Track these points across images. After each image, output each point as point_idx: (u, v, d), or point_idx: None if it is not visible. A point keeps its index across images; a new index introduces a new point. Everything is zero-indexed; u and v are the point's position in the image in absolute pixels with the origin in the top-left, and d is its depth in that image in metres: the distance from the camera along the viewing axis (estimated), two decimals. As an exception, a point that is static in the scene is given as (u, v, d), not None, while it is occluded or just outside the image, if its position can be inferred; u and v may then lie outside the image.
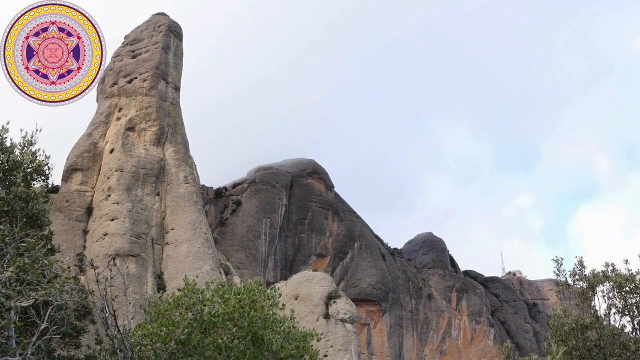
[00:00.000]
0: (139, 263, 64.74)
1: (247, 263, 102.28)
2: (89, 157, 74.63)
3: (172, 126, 78.51)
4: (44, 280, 12.83)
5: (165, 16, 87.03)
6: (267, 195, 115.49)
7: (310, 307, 70.36)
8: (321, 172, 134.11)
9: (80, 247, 66.53)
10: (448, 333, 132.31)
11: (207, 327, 18.93)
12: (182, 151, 77.56)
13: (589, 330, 21.03)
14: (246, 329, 19.67)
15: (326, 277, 77.91)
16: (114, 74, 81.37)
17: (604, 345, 20.78)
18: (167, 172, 74.56)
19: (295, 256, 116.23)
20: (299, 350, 21.20)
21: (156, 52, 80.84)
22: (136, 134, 76.05)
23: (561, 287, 22.50)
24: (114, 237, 65.11)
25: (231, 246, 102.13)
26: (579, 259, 22.63)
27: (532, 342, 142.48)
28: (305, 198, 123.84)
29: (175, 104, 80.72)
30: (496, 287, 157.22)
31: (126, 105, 78.24)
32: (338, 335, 68.03)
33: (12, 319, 11.98)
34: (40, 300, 12.69)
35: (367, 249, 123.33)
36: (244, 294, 20.78)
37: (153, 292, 59.50)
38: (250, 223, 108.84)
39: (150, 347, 17.75)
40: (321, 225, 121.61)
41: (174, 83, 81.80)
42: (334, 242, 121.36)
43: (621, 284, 21.00)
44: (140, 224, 67.67)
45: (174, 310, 19.23)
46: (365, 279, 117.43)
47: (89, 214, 69.97)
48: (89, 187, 72.67)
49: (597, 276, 21.33)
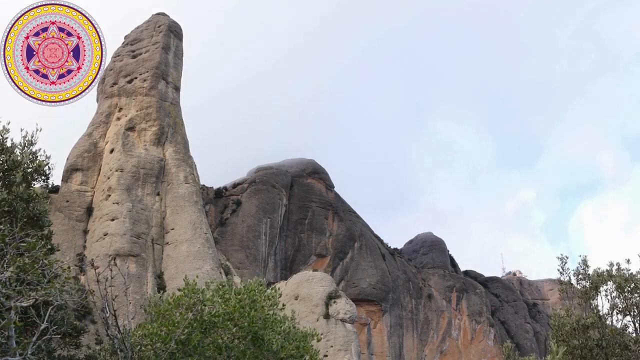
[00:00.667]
0: (139, 263, 64.73)
1: (247, 263, 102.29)
2: (89, 157, 74.62)
3: (172, 126, 78.51)
4: (44, 280, 12.81)
5: (166, 16, 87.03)
6: (267, 195, 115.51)
7: (310, 307, 70.35)
8: (321, 172, 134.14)
9: (80, 247, 66.52)
10: (448, 333, 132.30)
11: (207, 327, 18.92)
12: (182, 151, 77.54)
13: (591, 330, 20.99)
14: (246, 329, 19.66)
15: (326, 277, 77.91)
16: (114, 74, 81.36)
17: (606, 345, 20.75)
18: (167, 172, 74.55)
19: (295, 256, 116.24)
20: (299, 350, 21.19)
21: (156, 52, 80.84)
22: (136, 134, 76.04)
23: (564, 286, 22.42)
24: (114, 237, 65.09)
25: (231, 246, 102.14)
26: (583, 258, 22.57)
27: (532, 342, 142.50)
28: (305, 198, 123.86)
29: (175, 104, 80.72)
30: (496, 287, 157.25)
31: (126, 105, 78.24)
32: (338, 335, 68.03)
33: (12, 319, 11.96)
34: (40, 300, 12.67)
35: (367, 249, 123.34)
36: (244, 294, 20.76)
37: (153, 292, 59.47)
38: (250, 223, 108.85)
39: (150, 347, 17.74)
40: (321, 225, 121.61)
41: (174, 83, 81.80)
42: (334, 242, 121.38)
43: (621, 284, 20.96)
44: (140, 224, 67.66)
45: (174, 310, 19.22)
46: (365, 279, 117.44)
47: (89, 214, 69.96)
48: (89, 187, 72.66)
49: (602, 276, 21.27)
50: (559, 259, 22.83)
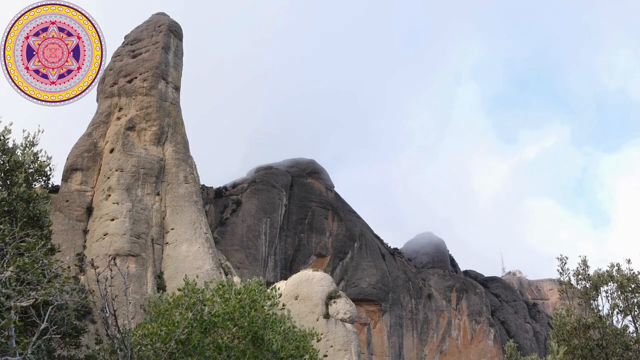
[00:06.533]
0: (139, 263, 64.71)
1: (247, 263, 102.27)
2: (89, 157, 74.61)
3: (172, 126, 78.49)
4: (44, 280, 12.81)
5: (166, 16, 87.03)
6: (267, 195, 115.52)
7: (310, 307, 70.28)
8: (321, 172, 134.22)
9: (80, 247, 66.51)
10: (448, 333, 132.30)
11: (207, 327, 18.90)
12: (182, 151, 77.53)
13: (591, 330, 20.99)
14: (246, 329, 19.65)
15: (326, 277, 77.80)
16: (114, 74, 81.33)
17: (606, 345, 20.74)
18: (167, 172, 74.53)
19: (295, 256, 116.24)
20: (299, 350, 21.17)
21: (156, 52, 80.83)
22: (136, 133, 76.02)
23: (564, 286, 22.43)
24: (114, 237, 65.08)
25: (231, 246, 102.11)
26: (583, 258, 22.58)
27: (532, 342, 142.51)
28: (305, 198, 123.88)
29: (175, 104, 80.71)
30: (496, 287, 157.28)
31: (126, 105, 78.22)
32: (338, 335, 67.96)
33: (12, 319, 11.96)
34: (40, 300, 12.66)
35: (367, 249, 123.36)
36: (244, 293, 20.76)
37: (153, 292, 59.46)
38: (250, 223, 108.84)
39: (150, 346, 17.73)
40: (321, 225, 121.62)
41: (174, 83, 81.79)
42: (334, 242, 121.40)
43: (623, 283, 20.96)
44: (140, 223, 67.65)
45: (174, 310, 19.21)
46: (365, 278, 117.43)
47: (89, 214, 69.95)
48: (89, 187, 72.66)
49: (602, 276, 21.28)
50: (558, 259, 22.85)
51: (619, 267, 21.87)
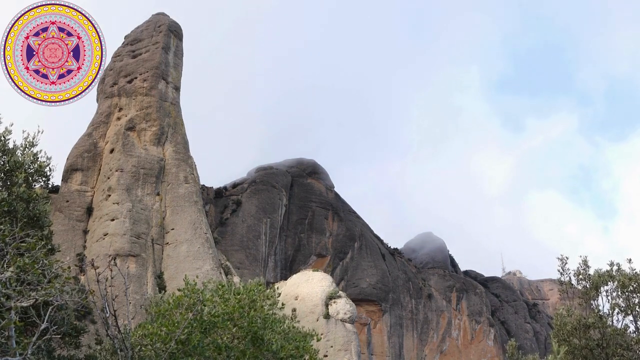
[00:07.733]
0: (139, 263, 64.70)
1: (247, 263, 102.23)
2: (89, 157, 74.61)
3: (172, 126, 78.48)
4: (44, 280, 12.81)
5: (166, 16, 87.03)
6: (267, 195, 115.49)
7: (310, 307, 70.24)
8: (321, 172, 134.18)
9: (80, 247, 66.51)
10: (448, 333, 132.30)
11: (207, 327, 18.92)
12: (182, 151, 77.52)
13: (592, 330, 21.00)
14: (246, 329, 19.66)
15: (326, 277, 77.76)
16: (114, 74, 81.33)
17: (607, 345, 20.74)
18: (167, 172, 74.53)
19: (295, 256, 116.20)
20: (299, 350, 21.19)
21: (156, 52, 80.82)
22: (136, 134, 76.01)
23: (564, 286, 22.45)
24: (114, 237, 65.07)
25: (231, 246, 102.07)
26: (584, 258, 22.59)
27: (532, 342, 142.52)
28: (305, 198, 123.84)
29: (175, 104, 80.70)
30: (496, 287, 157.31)
31: (126, 105, 78.22)
32: (338, 335, 67.94)
33: (12, 319, 11.96)
34: (40, 300, 12.66)
35: (367, 249, 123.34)
36: (243, 294, 20.77)
37: (153, 292, 59.48)
38: (250, 223, 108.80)
39: (150, 347, 17.73)
40: (321, 225, 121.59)
41: (174, 83, 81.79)
42: (334, 242, 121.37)
43: (624, 283, 20.96)
44: (140, 224, 67.64)
45: (174, 310, 19.22)
46: (365, 279, 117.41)
47: (89, 214, 69.95)
48: (89, 187, 72.65)
49: (603, 276, 21.29)
50: (559, 259, 22.87)
51: (619, 266, 21.89)
